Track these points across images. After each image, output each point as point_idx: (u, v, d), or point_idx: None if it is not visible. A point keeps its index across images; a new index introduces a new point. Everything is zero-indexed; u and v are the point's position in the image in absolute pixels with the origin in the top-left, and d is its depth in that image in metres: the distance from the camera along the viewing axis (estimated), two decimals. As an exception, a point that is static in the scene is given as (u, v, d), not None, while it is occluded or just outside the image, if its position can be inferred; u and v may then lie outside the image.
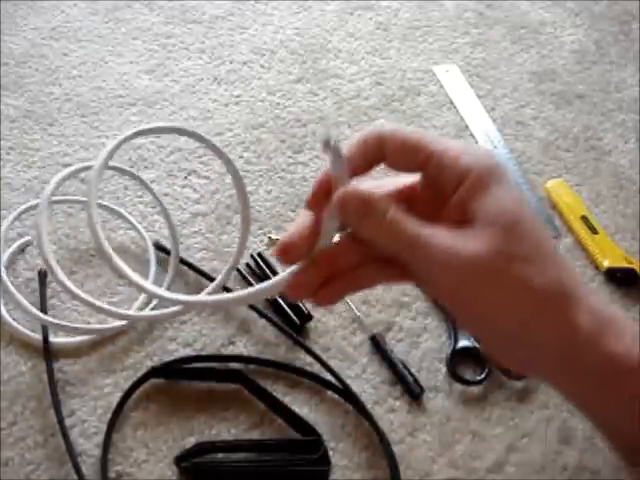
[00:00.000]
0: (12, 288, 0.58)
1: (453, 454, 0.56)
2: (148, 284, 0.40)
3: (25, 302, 0.57)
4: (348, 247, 0.36)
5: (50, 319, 0.58)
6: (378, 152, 0.36)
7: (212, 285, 0.60)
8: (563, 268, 0.34)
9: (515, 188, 0.34)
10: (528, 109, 0.85)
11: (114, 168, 0.64)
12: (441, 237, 0.33)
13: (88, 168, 0.60)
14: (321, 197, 0.36)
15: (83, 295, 0.53)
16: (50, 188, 0.52)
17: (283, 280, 0.36)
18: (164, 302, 0.40)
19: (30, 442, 0.53)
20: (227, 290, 0.62)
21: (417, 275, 0.35)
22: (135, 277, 0.40)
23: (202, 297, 0.43)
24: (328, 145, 0.33)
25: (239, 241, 0.58)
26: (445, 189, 0.34)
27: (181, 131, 0.52)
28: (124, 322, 0.59)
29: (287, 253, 0.36)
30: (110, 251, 0.40)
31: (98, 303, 0.54)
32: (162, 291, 0.40)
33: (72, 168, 0.57)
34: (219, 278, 0.60)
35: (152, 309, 0.61)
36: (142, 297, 0.62)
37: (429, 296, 0.62)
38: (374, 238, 0.35)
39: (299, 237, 0.36)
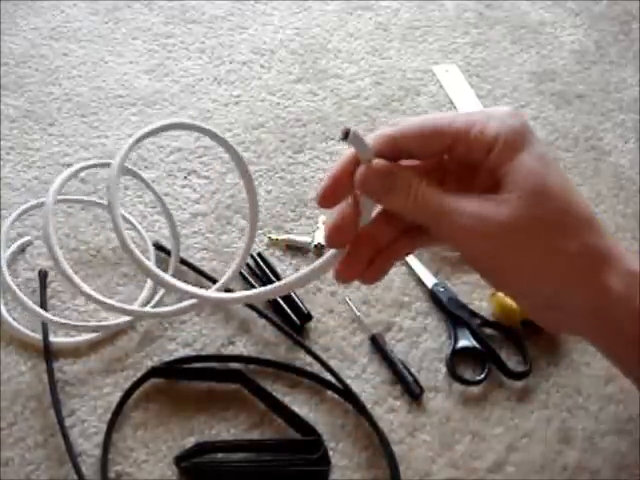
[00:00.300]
0: (14, 286, 0.58)
1: (453, 454, 0.56)
2: (176, 281, 0.41)
3: (27, 300, 0.57)
4: (383, 223, 0.36)
5: (51, 317, 0.58)
6: (394, 153, 0.35)
7: (218, 285, 0.59)
8: (595, 230, 0.34)
9: (543, 149, 0.34)
10: (528, 109, 0.85)
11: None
12: (467, 204, 0.33)
13: (92, 166, 0.60)
14: (346, 182, 0.36)
15: (91, 292, 0.53)
16: (56, 185, 0.52)
17: (327, 264, 0.36)
18: (186, 296, 0.41)
19: (30, 442, 0.53)
20: (228, 292, 0.62)
21: (449, 241, 0.35)
22: (159, 271, 0.41)
23: (237, 294, 0.42)
24: (348, 134, 0.33)
25: (248, 234, 0.56)
26: (475, 161, 0.34)
27: (201, 130, 0.52)
28: (125, 319, 0.59)
29: (337, 238, 0.36)
30: (133, 246, 0.42)
31: (104, 299, 0.54)
32: (188, 287, 0.40)
33: (77, 166, 0.57)
34: (226, 276, 0.59)
35: (153, 307, 0.61)
36: (142, 297, 0.62)
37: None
38: (400, 211, 0.35)
39: (343, 221, 0.36)
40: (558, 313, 0.35)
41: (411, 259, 0.67)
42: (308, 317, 0.62)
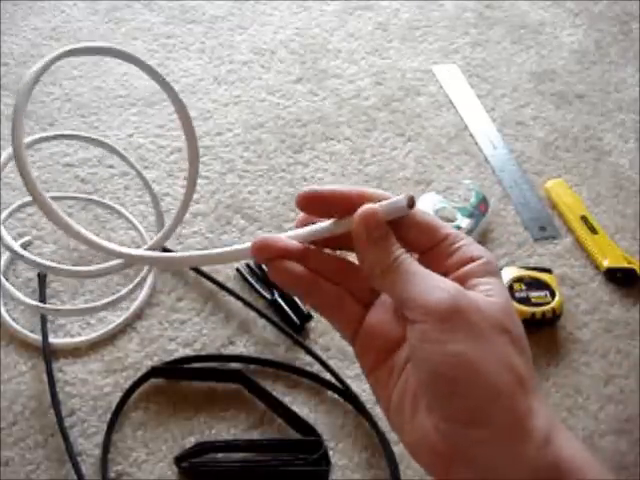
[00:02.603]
0: (8, 285, 0.58)
1: (453, 454, 0.56)
2: (91, 235, 0.37)
3: (24, 297, 0.57)
4: (325, 255, 0.35)
5: (49, 306, 0.58)
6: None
7: (152, 241, 0.52)
8: (537, 380, 0.32)
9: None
10: (528, 109, 0.85)
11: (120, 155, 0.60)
12: (423, 271, 0.32)
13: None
14: (341, 204, 0.35)
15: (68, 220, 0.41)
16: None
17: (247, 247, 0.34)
18: (111, 255, 0.37)
19: (30, 442, 0.53)
20: (166, 251, 0.59)
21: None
22: (76, 225, 0.37)
23: (152, 253, 0.40)
24: (413, 204, 0.34)
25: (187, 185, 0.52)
26: (451, 267, 0.34)
27: (117, 53, 0.47)
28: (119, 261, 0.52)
29: (268, 251, 0.34)
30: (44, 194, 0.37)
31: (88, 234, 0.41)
32: (108, 244, 0.37)
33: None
34: (160, 234, 0.51)
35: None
36: (142, 295, 0.62)
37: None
38: (365, 251, 0.34)
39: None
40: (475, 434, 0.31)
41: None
42: (308, 317, 0.62)
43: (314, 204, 0.35)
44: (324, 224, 0.34)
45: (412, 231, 0.35)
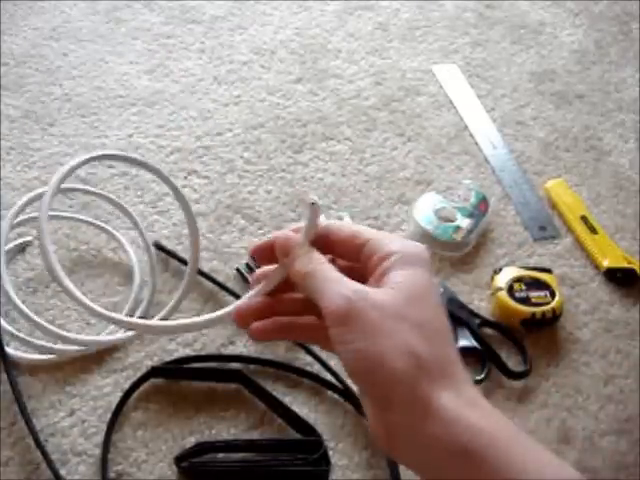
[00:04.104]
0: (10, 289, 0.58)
1: (453, 454, 0.56)
2: (96, 306, 0.40)
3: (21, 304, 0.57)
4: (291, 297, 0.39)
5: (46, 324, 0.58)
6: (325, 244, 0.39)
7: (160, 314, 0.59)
8: (447, 354, 0.34)
9: (431, 276, 0.36)
10: (528, 109, 0.85)
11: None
12: (334, 277, 0.36)
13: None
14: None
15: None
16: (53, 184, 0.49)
17: (229, 312, 0.39)
18: (112, 323, 0.40)
19: (30, 442, 0.53)
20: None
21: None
22: (83, 299, 0.40)
23: (150, 322, 0.43)
24: (316, 207, 0.37)
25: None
26: (372, 267, 0.37)
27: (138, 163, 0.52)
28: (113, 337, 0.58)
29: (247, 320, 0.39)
30: (62, 273, 0.40)
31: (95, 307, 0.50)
32: (110, 313, 0.40)
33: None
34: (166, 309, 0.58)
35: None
36: (130, 302, 0.62)
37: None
38: (291, 274, 0.38)
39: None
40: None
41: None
42: (308, 317, 0.62)
43: (264, 255, 0.39)
44: (273, 273, 0.38)
45: (338, 245, 0.38)
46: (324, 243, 0.39)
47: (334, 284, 0.35)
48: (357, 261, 0.38)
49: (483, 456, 0.32)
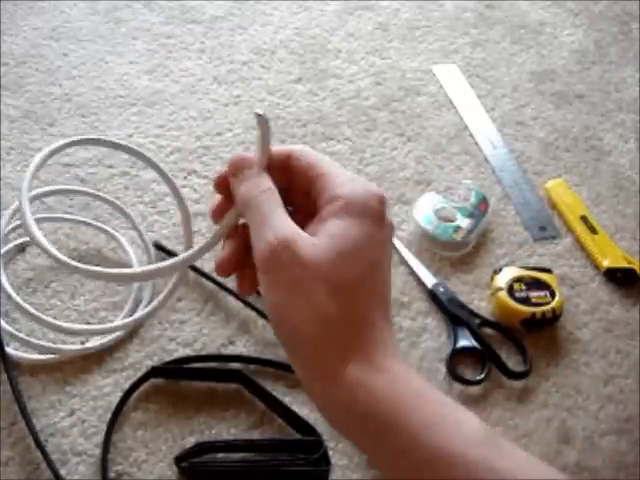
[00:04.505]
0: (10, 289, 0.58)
1: (453, 454, 0.56)
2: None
3: (22, 302, 0.57)
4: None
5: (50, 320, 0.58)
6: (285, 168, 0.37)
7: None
8: (373, 324, 0.33)
9: (376, 229, 0.34)
10: (528, 109, 0.85)
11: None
12: (272, 213, 0.34)
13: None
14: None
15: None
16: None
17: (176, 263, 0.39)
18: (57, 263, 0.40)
19: (30, 442, 0.53)
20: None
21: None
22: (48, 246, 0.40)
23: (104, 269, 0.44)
24: (264, 120, 0.36)
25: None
26: (318, 208, 0.35)
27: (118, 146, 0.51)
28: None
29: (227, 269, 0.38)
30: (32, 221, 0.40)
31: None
32: (71, 261, 0.40)
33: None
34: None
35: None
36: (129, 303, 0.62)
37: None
38: (234, 189, 0.36)
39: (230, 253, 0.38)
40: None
41: (411, 259, 0.68)
42: (308, 317, 0.62)
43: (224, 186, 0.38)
44: (228, 215, 0.38)
45: (297, 173, 0.36)
46: (283, 169, 0.36)
47: (266, 224, 0.34)
48: (308, 196, 0.36)
49: (383, 423, 0.31)
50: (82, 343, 0.59)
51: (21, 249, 0.65)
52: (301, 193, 0.37)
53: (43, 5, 0.91)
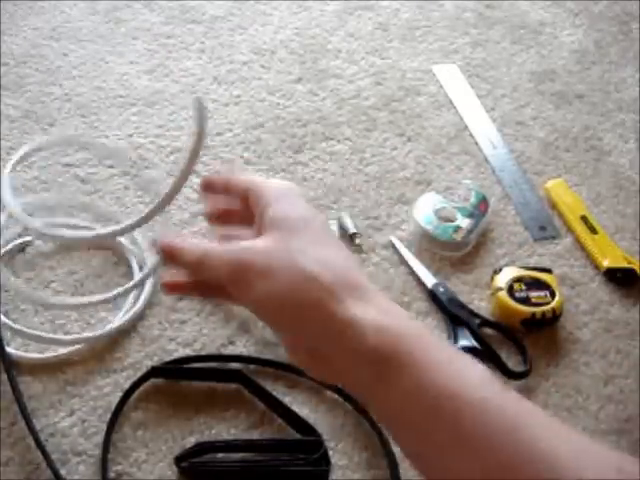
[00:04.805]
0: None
1: (453, 454, 0.56)
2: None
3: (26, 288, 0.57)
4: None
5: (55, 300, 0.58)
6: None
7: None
8: (347, 267, 0.36)
9: (303, 202, 0.40)
10: (528, 109, 0.85)
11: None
12: (222, 246, 0.39)
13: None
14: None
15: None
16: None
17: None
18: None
19: (30, 442, 0.53)
20: None
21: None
22: None
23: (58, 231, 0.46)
24: (200, 109, 0.42)
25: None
26: (256, 217, 0.40)
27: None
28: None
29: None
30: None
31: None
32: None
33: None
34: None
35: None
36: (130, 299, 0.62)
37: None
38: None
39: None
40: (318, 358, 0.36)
41: (411, 259, 0.67)
42: (308, 317, 0.62)
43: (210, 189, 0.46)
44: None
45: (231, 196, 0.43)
46: (226, 188, 0.44)
47: (216, 256, 0.38)
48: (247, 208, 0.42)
49: (394, 353, 0.33)
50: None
51: (21, 249, 0.65)
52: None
53: (43, 5, 0.91)
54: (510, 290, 0.64)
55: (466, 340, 0.62)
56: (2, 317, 0.59)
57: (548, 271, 0.67)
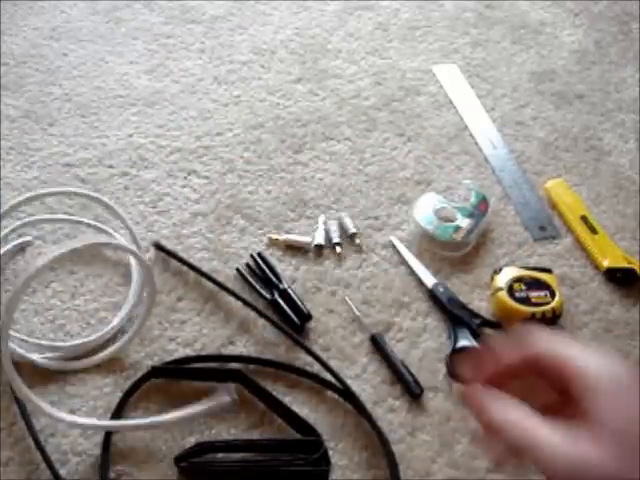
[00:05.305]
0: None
1: (453, 454, 0.56)
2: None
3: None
4: None
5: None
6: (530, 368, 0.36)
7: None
8: None
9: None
10: (528, 109, 0.85)
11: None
12: (551, 437, 0.33)
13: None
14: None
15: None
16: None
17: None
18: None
19: (30, 442, 0.53)
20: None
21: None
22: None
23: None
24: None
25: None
26: (572, 395, 0.34)
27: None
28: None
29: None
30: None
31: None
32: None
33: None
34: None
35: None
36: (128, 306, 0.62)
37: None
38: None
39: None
40: None
41: (411, 259, 0.67)
42: (308, 317, 0.62)
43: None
44: None
45: (549, 373, 0.35)
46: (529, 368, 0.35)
47: (543, 449, 0.32)
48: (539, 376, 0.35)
49: None
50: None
51: (21, 249, 0.65)
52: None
53: (43, 5, 0.91)
54: (510, 290, 0.64)
55: (466, 340, 0.62)
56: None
57: (548, 271, 0.67)
